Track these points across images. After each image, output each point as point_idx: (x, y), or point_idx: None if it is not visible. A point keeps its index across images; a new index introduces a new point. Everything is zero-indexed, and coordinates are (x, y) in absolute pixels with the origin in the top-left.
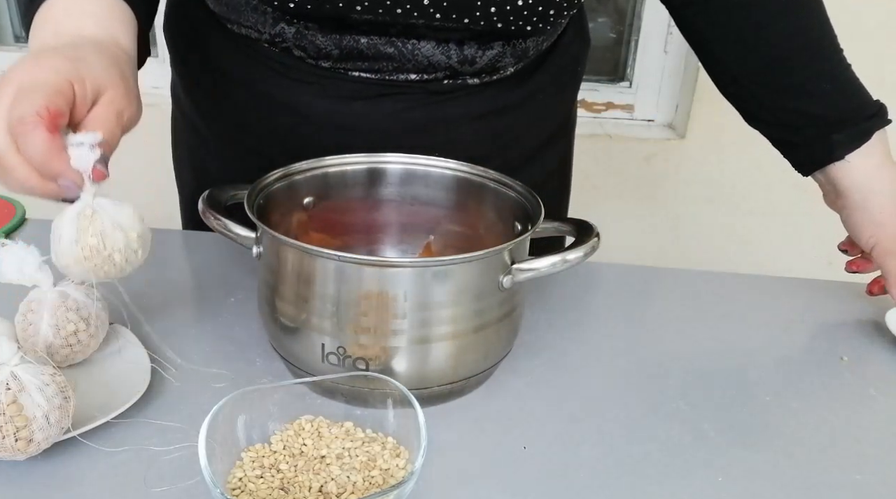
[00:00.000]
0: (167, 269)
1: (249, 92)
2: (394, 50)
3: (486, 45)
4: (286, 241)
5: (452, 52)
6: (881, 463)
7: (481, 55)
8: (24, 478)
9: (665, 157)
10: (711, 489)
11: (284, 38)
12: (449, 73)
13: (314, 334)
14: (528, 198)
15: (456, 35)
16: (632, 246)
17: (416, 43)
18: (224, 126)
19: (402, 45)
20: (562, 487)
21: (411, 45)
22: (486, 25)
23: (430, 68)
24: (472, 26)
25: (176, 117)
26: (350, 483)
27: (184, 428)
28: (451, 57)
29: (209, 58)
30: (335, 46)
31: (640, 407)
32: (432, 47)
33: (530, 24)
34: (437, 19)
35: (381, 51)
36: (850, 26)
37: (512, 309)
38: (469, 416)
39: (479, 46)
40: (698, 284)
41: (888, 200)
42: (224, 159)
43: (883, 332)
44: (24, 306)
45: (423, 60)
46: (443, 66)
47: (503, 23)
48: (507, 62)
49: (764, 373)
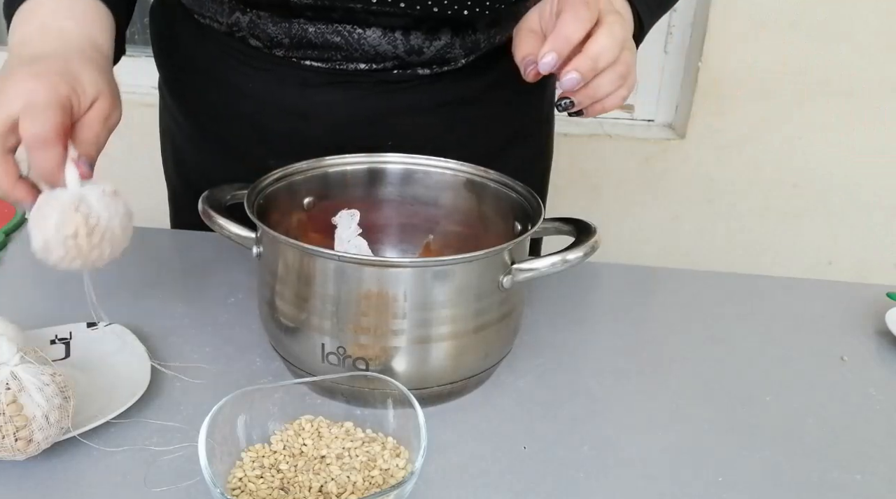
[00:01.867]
0: (167, 269)
1: (217, 81)
2: (340, 39)
3: (433, 36)
4: (286, 241)
5: (399, 42)
6: (881, 463)
7: (428, 45)
8: (24, 478)
9: (665, 157)
10: (711, 489)
11: (240, 26)
12: (397, 63)
13: (314, 334)
14: (528, 198)
15: (399, 21)
16: (632, 246)
17: (362, 32)
18: (198, 117)
19: (347, 34)
20: (562, 487)
21: (357, 34)
22: (423, 10)
23: (377, 58)
24: (409, 10)
25: (161, 112)
26: (350, 483)
27: (184, 428)
28: (398, 46)
29: (184, 50)
30: (285, 35)
31: (640, 407)
32: (378, 36)
33: (466, 8)
34: (374, 3)
35: (329, 40)
36: (849, 26)
37: (512, 309)
38: (469, 416)
39: (425, 37)
40: (698, 284)
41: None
42: (200, 150)
43: (883, 332)
44: (42, 199)
45: (370, 50)
46: (390, 55)
47: (438, 7)
48: (456, 53)
49: (764, 373)
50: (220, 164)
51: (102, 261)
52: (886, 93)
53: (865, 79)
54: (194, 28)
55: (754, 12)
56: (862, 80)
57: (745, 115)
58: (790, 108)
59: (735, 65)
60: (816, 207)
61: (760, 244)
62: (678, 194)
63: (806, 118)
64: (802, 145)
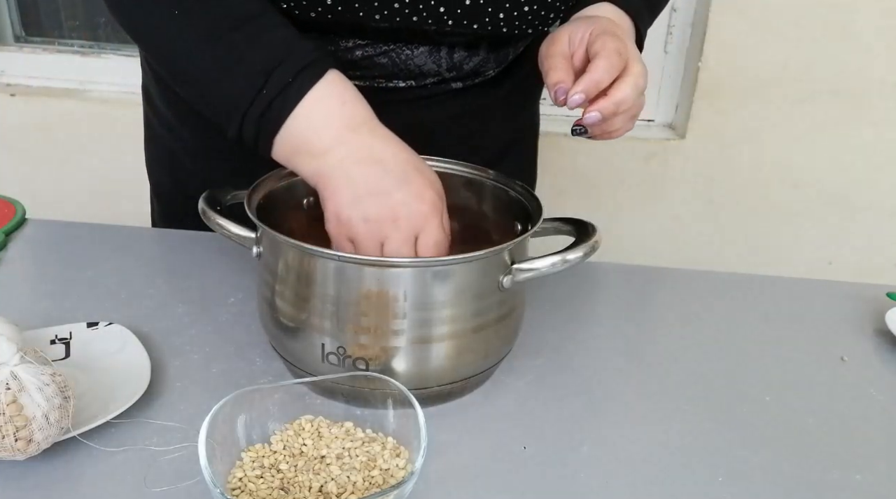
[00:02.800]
0: (167, 269)
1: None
2: (387, 60)
3: (474, 52)
4: (286, 241)
5: (443, 60)
6: (881, 463)
7: (468, 61)
8: (24, 478)
9: (665, 157)
10: (711, 489)
11: None
12: (436, 80)
13: (314, 334)
14: (528, 198)
15: (452, 40)
16: (632, 246)
17: (410, 53)
18: (198, 130)
19: (395, 55)
20: (562, 487)
21: (405, 55)
22: (493, 30)
23: (420, 76)
24: (480, 31)
25: (148, 116)
26: (350, 483)
27: (184, 428)
28: (441, 64)
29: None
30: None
31: (640, 407)
32: (424, 55)
33: (532, 27)
34: (450, 26)
35: (375, 61)
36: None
37: (512, 309)
38: (469, 416)
39: (467, 53)
40: (698, 284)
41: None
42: (202, 161)
43: (883, 332)
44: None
45: (415, 69)
46: (432, 73)
47: (508, 27)
48: (489, 66)
49: (764, 373)
50: (228, 178)
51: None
52: (886, 93)
53: (865, 79)
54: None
55: (754, 12)
56: (862, 80)
57: (746, 115)
58: (790, 108)
59: (735, 65)
60: (816, 207)
61: (760, 244)
62: (678, 194)
63: (806, 118)
64: (802, 145)
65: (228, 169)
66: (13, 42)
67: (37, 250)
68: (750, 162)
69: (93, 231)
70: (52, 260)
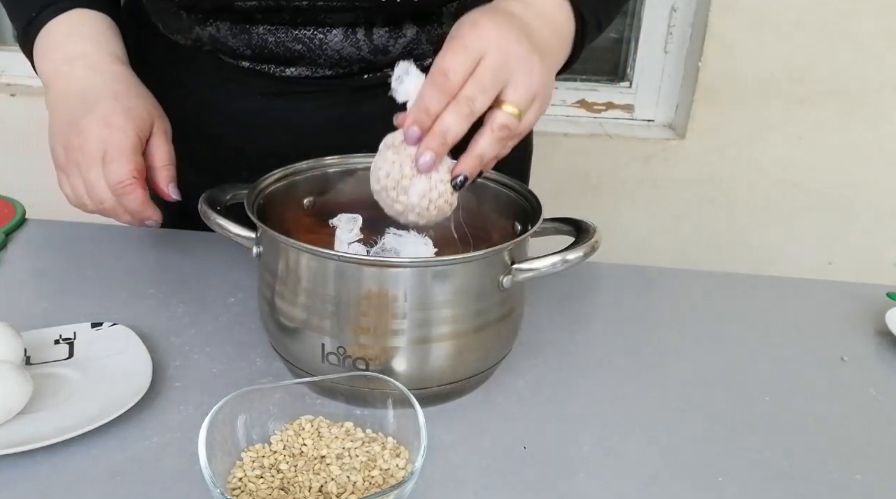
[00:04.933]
0: (167, 269)
1: (183, 92)
2: (302, 46)
3: (398, 32)
4: (286, 241)
5: (362, 43)
6: (881, 463)
7: (393, 43)
8: (25, 478)
9: (665, 157)
10: (711, 489)
11: (202, 41)
12: (364, 66)
13: (314, 334)
14: (528, 198)
15: (358, 17)
16: (632, 246)
17: (323, 37)
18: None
19: (308, 40)
20: (562, 487)
21: (318, 39)
22: (376, 2)
23: (342, 62)
24: (361, 2)
25: None
26: (350, 483)
27: (184, 428)
28: (362, 48)
29: (151, 60)
30: (246, 46)
31: (640, 407)
32: (339, 39)
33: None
34: (321, 1)
35: (290, 48)
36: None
37: (512, 309)
38: (469, 416)
39: (389, 34)
40: (698, 284)
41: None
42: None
43: (883, 332)
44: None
45: (334, 54)
46: (354, 58)
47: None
48: (424, 49)
49: (764, 373)
50: (191, 175)
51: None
52: (886, 93)
53: (865, 79)
54: (161, 40)
55: (754, 12)
56: (862, 80)
57: (745, 114)
58: (790, 108)
59: (735, 65)
60: (816, 207)
61: (760, 244)
62: (678, 194)
63: (806, 118)
64: (802, 145)
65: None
66: (13, 42)
67: (37, 250)
68: (750, 162)
69: (93, 231)
70: (52, 260)
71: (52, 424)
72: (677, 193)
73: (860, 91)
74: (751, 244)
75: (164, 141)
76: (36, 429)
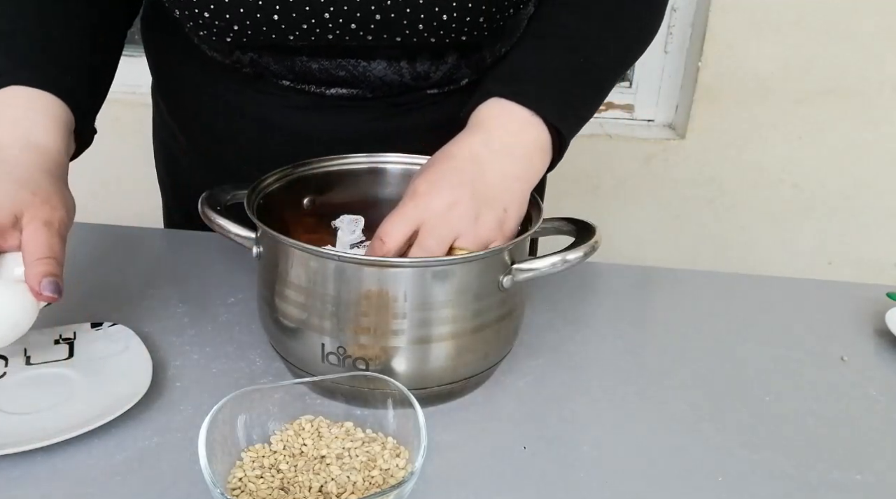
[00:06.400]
0: (167, 269)
1: (216, 101)
2: (345, 73)
3: (439, 60)
4: (286, 241)
5: (405, 71)
6: (881, 463)
7: (435, 70)
8: (25, 478)
9: (665, 157)
10: (711, 489)
11: (242, 63)
12: (404, 90)
13: (314, 334)
14: None
15: (404, 52)
16: (632, 246)
17: (367, 65)
18: (195, 134)
19: (352, 68)
20: (562, 487)
21: (362, 67)
22: (420, 41)
23: (384, 87)
24: (406, 42)
25: (155, 119)
26: (350, 483)
27: (184, 428)
28: (404, 75)
29: (182, 68)
30: (288, 71)
31: (640, 407)
32: (383, 68)
33: (464, 34)
34: (370, 41)
35: (333, 74)
36: (849, 26)
37: (512, 309)
38: (469, 416)
39: (431, 62)
40: (698, 284)
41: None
42: (197, 167)
43: (883, 332)
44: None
45: (376, 81)
46: (396, 84)
47: (435, 37)
48: (463, 73)
49: (764, 373)
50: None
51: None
52: (886, 93)
53: (865, 79)
54: (191, 51)
55: (754, 12)
56: (862, 80)
57: (745, 115)
58: (790, 108)
59: (735, 65)
60: (816, 207)
61: (760, 244)
62: (678, 194)
63: (806, 118)
64: (802, 145)
65: (222, 175)
66: None
67: None
68: (750, 162)
69: (93, 231)
70: None
71: (53, 424)
72: (677, 193)
73: (860, 91)
74: (751, 244)
75: (39, 232)
76: (36, 429)
